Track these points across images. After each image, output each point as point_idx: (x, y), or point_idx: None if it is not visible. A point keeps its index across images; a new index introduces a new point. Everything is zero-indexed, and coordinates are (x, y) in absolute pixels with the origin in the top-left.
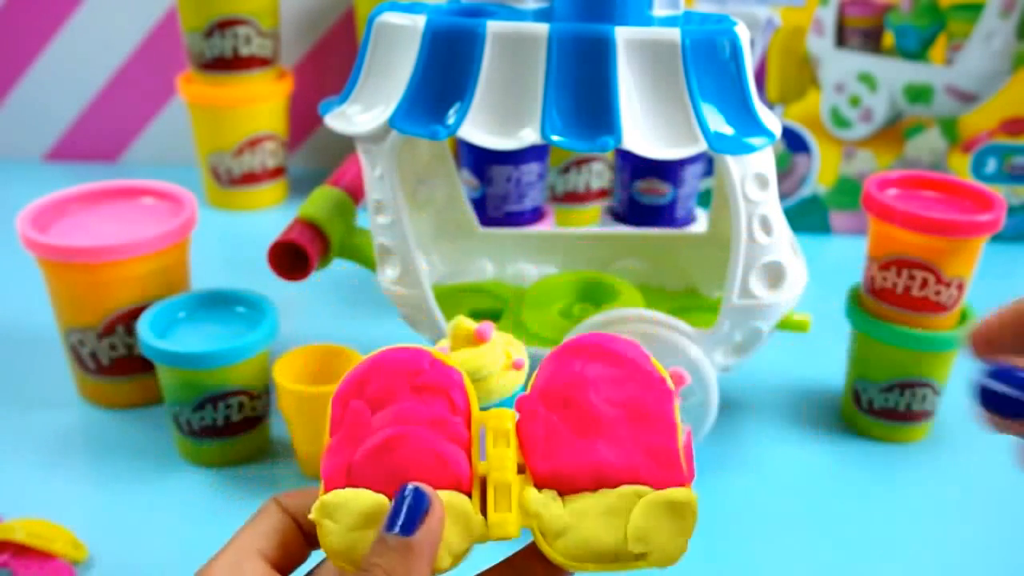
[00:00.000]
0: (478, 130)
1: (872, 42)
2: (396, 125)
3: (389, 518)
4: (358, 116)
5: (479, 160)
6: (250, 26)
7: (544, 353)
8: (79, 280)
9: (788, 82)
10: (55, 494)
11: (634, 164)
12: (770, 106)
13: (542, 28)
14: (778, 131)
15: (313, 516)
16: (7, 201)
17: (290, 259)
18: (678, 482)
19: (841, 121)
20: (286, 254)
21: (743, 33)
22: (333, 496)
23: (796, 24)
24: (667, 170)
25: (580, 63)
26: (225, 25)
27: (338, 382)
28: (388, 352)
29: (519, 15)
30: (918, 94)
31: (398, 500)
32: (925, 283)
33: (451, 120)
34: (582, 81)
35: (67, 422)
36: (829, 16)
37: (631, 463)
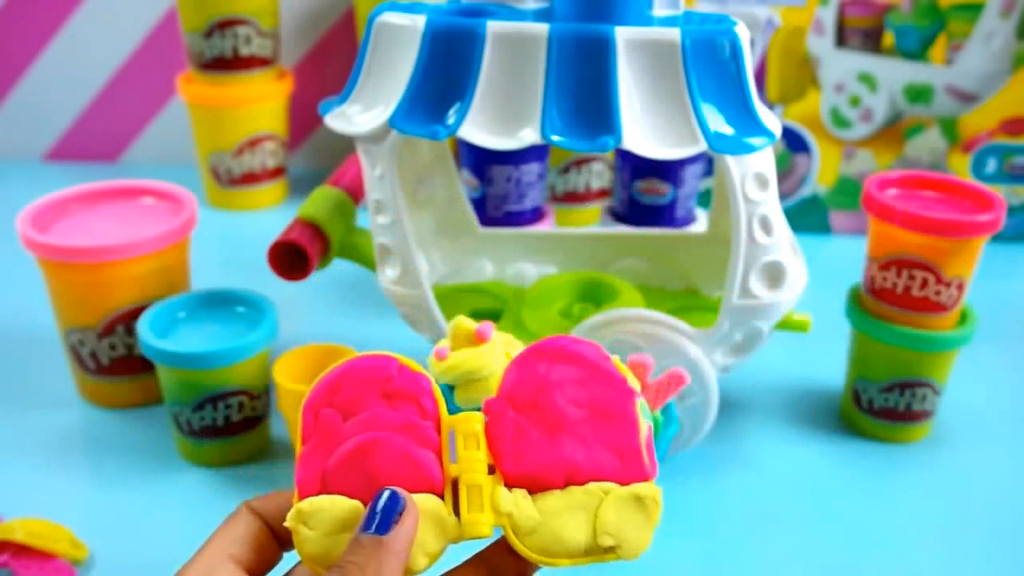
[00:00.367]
0: (478, 130)
1: (872, 42)
2: (396, 125)
3: (365, 519)
4: (358, 116)
5: (479, 160)
6: (250, 26)
7: None
8: (79, 280)
9: (788, 82)
10: (55, 494)
11: (634, 164)
12: (770, 106)
13: (542, 28)
14: (778, 131)
15: (289, 523)
16: (7, 201)
17: (290, 259)
18: (642, 477)
19: (841, 121)
20: (286, 254)
21: (743, 33)
22: (308, 503)
23: (796, 24)
24: (667, 170)
25: (580, 63)
26: (225, 25)
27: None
28: (357, 360)
29: (519, 15)
30: (918, 94)
31: (374, 503)
32: (925, 283)
33: (451, 120)
34: (582, 81)
35: (67, 422)
36: (829, 16)
37: (597, 461)
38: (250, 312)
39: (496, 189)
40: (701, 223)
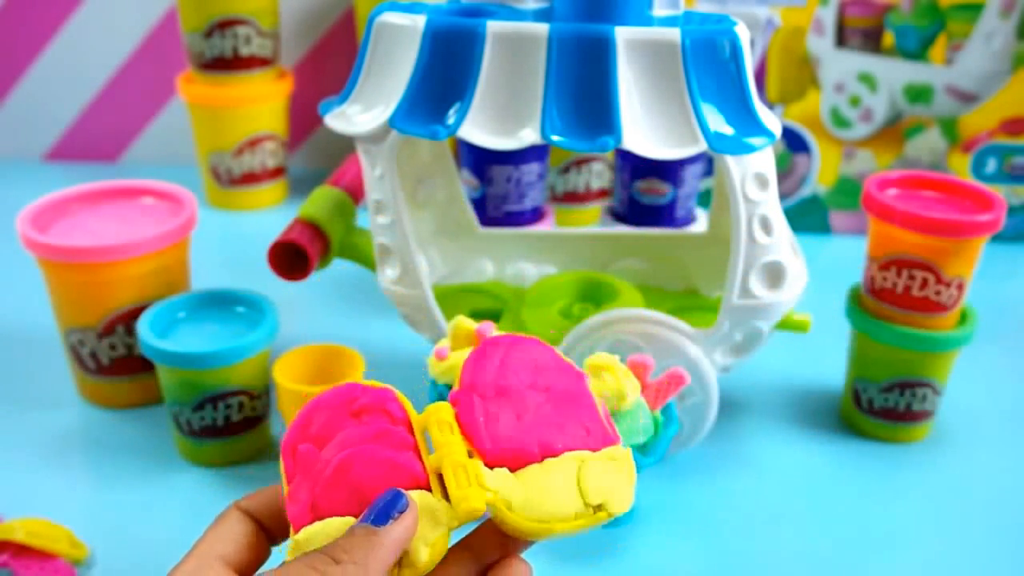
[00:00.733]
0: (478, 130)
1: (872, 42)
2: (396, 125)
3: (365, 513)
4: (358, 116)
5: (479, 160)
6: (250, 26)
7: None
8: (79, 280)
9: (788, 82)
10: (55, 494)
11: (634, 164)
12: (770, 106)
13: (542, 28)
14: (778, 131)
15: (289, 557)
16: (7, 201)
17: (290, 259)
18: (610, 442)
19: (841, 121)
20: (286, 254)
21: (743, 33)
22: (303, 533)
23: (796, 24)
24: (667, 170)
25: (580, 63)
26: (225, 25)
27: (339, 382)
28: (323, 393)
29: (519, 15)
30: (918, 94)
31: (376, 501)
32: (925, 283)
33: (451, 120)
34: (582, 81)
35: (67, 422)
36: (829, 16)
37: (567, 434)
38: (250, 312)
39: (496, 189)
40: (701, 223)
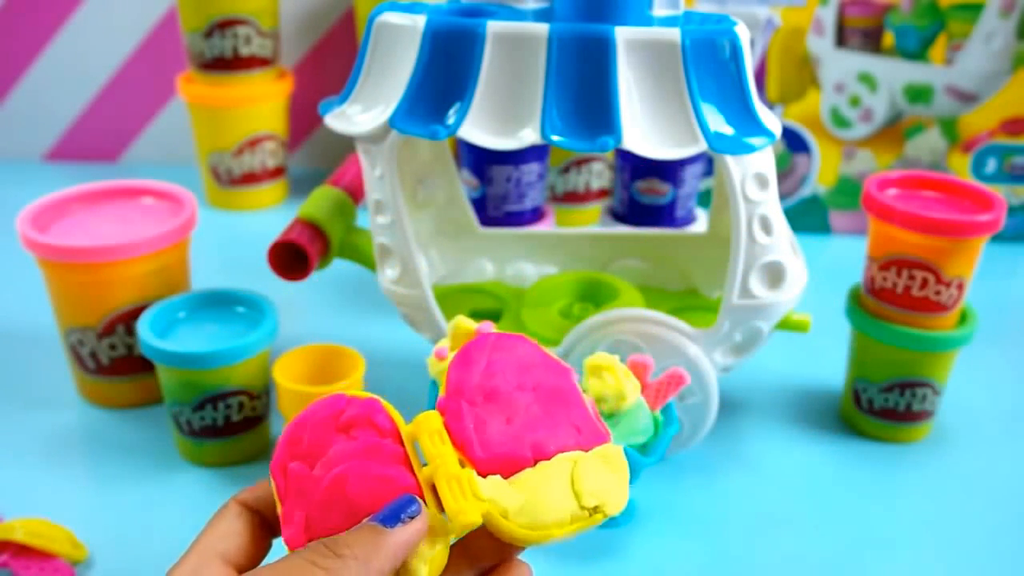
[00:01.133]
0: (478, 130)
1: (872, 42)
2: (396, 125)
3: (375, 515)
4: (358, 116)
5: (479, 160)
6: (250, 26)
7: None
8: (79, 280)
9: (788, 82)
10: (55, 494)
11: (634, 164)
12: (770, 106)
13: (542, 28)
14: (778, 131)
15: None
16: (7, 201)
17: (290, 259)
18: (601, 440)
19: (841, 121)
20: (286, 254)
21: (743, 33)
22: None
23: (796, 24)
24: (667, 170)
25: (580, 63)
26: (225, 25)
27: (339, 382)
28: (308, 408)
29: (519, 15)
30: (918, 94)
31: (389, 503)
32: (925, 283)
33: (451, 120)
34: (582, 81)
35: (67, 422)
36: (829, 16)
37: (557, 435)
38: (250, 312)
39: (496, 189)
40: (701, 223)
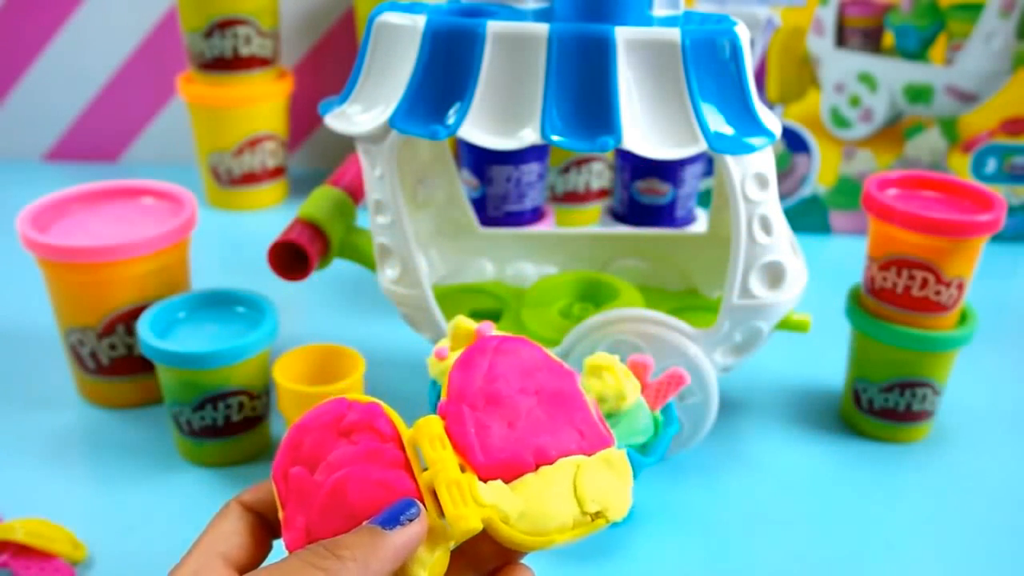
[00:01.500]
0: (478, 130)
1: (872, 42)
2: (396, 125)
3: (374, 517)
4: (358, 116)
5: (479, 160)
6: (250, 26)
7: None
8: (79, 280)
9: (788, 82)
10: (55, 494)
11: (634, 164)
12: (770, 106)
13: (542, 28)
14: (778, 131)
15: None
16: (7, 201)
17: (290, 259)
18: (604, 444)
19: (841, 121)
20: (286, 254)
21: (743, 33)
22: None
23: (796, 24)
24: (667, 170)
25: (580, 63)
26: (225, 25)
27: (339, 382)
28: (309, 412)
29: (519, 15)
30: (918, 94)
31: (388, 506)
32: (925, 283)
33: (451, 120)
34: (582, 81)
35: (67, 422)
36: (829, 16)
37: (560, 439)
38: (250, 312)
39: (496, 189)
40: (701, 223)
